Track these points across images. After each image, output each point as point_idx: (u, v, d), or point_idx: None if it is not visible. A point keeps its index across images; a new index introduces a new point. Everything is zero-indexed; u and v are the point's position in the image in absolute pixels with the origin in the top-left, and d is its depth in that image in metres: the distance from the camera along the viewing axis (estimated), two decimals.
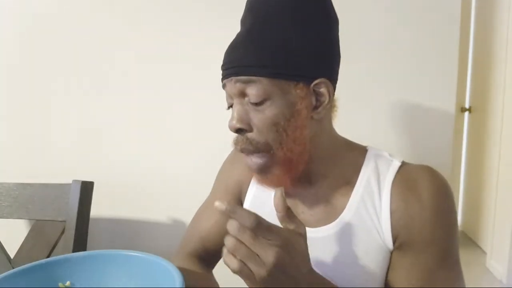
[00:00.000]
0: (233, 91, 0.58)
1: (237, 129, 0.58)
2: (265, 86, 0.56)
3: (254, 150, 0.58)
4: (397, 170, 0.61)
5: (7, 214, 1.02)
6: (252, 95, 0.56)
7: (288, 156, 0.58)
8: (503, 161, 2.22)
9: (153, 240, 1.28)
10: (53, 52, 1.24)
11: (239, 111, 0.58)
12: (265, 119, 0.57)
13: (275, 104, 0.56)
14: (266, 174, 0.60)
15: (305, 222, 0.64)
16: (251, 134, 0.58)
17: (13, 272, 0.60)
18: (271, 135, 0.57)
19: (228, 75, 0.58)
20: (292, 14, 0.57)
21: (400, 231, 0.58)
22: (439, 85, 1.10)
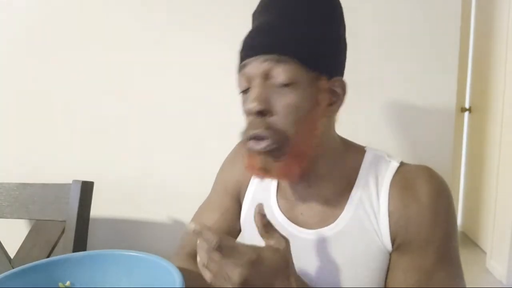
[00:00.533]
0: (257, 71, 0.56)
1: (257, 111, 0.55)
2: (295, 69, 0.55)
3: (270, 136, 0.55)
4: (395, 171, 0.61)
5: (7, 214, 1.02)
6: (281, 75, 0.54)
7: (302, 148, 0.57)
8: (503, 161, 2.22)
9: (153, 240, 1.28)
10: (54, 53, 1.24)
11: (261, 93, 0.55)
12: (288, 104, 0.55)
13: (300, 90, 0.55)
14: (275, 161, 0.56)
15: (304, 224, 0.64)
16: (272, 119, 0.55)
17: (13, 272, 0.60)
18: (291, 122, 0.55)
19: (255, 53, 0.56)
20: (317, 10, 0.58)
21: (398, 232, 0.58)
22: (439, 85, 1.10)
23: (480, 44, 2.70)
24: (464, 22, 2.29)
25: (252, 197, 0.72)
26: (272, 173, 0.57)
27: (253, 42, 0.57)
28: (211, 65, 1.18)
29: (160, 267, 0.59)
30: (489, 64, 2.47)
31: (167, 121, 1.22)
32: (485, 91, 2.54)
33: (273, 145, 0.55)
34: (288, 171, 0.57)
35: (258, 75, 0.56)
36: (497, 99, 2.30)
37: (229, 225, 0.73)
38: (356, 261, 0.60)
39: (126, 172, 1.25)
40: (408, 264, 0.58)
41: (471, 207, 2.83)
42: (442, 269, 0.57)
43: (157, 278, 0.58)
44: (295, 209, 0.66)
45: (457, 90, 1.10)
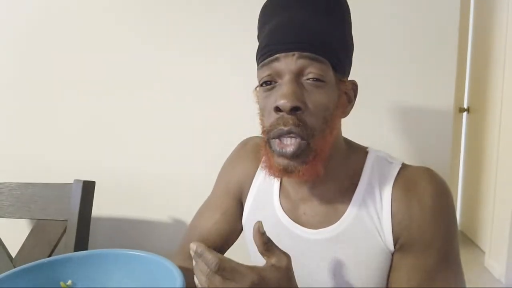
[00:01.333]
0: (290, 67, 0.55)
1: (292, 107, 0.54)
2: (327, 69, 0.56)
3: (300, 133, 0.54)
4: (397, 172, 0.62)
5: (9, 214, 1.02)
6: (315, 73, 0.55)
7: (324, 146, 0.57)
8: (501, 161, 2.22)
9: (154, 239, 1.28)
10: (54, 53, 1.25)
11: (295, 89, 0.54)
12: (319, 102, 0.55)
13: (329, 90, 0.57)
14: (302, 161, 0.55)
15: (306, 224, 0.64)
16: (304, 115, 0.55)
17: (14, 272, 0.61)
18: (320, 120, 0.56)
19: (289, 50, 0.55)
20: (339, 14, 0.60)
21: (400, 233, 0.59)
22: (437, 86, 1.10)
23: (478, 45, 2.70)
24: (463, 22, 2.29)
25: (254, 198, 0.72)
26: (295, 174, 0.56)
27: (287, 37, 0.56)
28: (212, 65, 1.18)
29: (161, 266, 0.59)
30: (487, 64, 2.48)
31: (168, 121, 1.23)
32: (483, 91, 2.54)
33: (303, 146, 0.54)
34: (314, 172, 0.57)
35: (292, 71, 0.55)
36: (495, 100, 2.31)
37: (230, 225, 0.74)
38: (359, 261, 0.61)
39: (128, 172, 1.25)
40: (411, 264, 0.58)
41: (470, 206, 2.83)
42: (444, 269, 0.57)
43: (158, 278, 0.59)
44: (298, 209, 0.66)
45: (455, 90, 1.11)
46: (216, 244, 0.73)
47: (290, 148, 0.54)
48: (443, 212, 0.58)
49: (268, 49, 0.57)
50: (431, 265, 0.57)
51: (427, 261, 0.57)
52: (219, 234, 0.73)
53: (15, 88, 1.29)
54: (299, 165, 0.55)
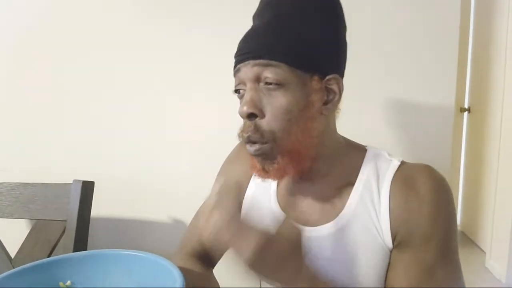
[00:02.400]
0: (248, 75, 0.58)
1: (248, 114, 0.57)
2: (284, 72, 0.56)
3: (259, 139, 0.57)
4: (396, 169, 0.61)
5: (8, 214, 1.02)
6: (270, 78, 0.56)
7: (295, 147, 0.58)
8: (502, 161, 2.22)
9: (153, 239, 1.28)
10: (54, 53, 1.24)
11: (252, 96, 0.57)
12: (279, 106, 0.56)
13: (290, 92, 0.57)
14: (271, 162, 0.58)
15: (304, 221, 0.64)
16: (261, 121, 0.57)
17: (14, 272, 0.61)
18: (282, 124, 0.57)
19: (246, 59, 0.58)
20: (310, 11, 0.59)
21: (399, 229, 0.58)
22: (438, 85, 1.10)
23: (479, 44, 2.70)
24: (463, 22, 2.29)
25: (252, 196, 0.72)
26: (270, 173, 0.60)
27: (244, 47, 0.59)
28: (212, 65, 1.18)
29: (161, 266, 0.59)
30: (488, 64, 2.47)
31: (168, 121, 1.23)
32: (484, 91, 2.54)
33: (262, 148, 0.57)
34: (283, 172, 0.59)
35: (249, 79, 0.58)
36: (496, 99, 2.30)
37: None
38: (357, 258, 0.60)
39: (127, 172, 1.25)
40: (409, 260, 0.58)
41: (470, 206, 2.83)
42: (442, 265, 0.57)
43: (157, 278, 0.58)
44: (296, 207, 0.66)
45: (456, 90, 1.11)
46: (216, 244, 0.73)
47: (253, 147, 0.58)
48: (442, 208, 0.58)
49: (235, 61, 0.61)
50: (429, 261, 0.57)
51: (425, 256, 0.57)
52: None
53: (15, 88, 1.28)
54: (270, 165, 0.59)
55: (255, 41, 0.58)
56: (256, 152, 0.58)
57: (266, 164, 0.59)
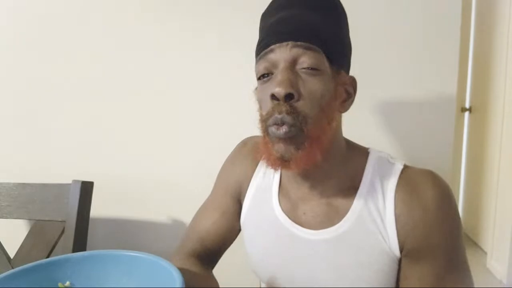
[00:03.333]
0: (285, 56, 0.56)
1: (287, 94, 0.54)
2: (322, 58, 0.57)
3: (292, 122, 0.54)
4: (399, 173, 0.61)
5: (6, 214, 1.02)
6: (309, 62, 0.56)
7: (321, 135, 0.57)
8: (504, 161, 2.22)
9: (153, 240, 1.28)
10: (53, 52, 1.24)
11: (289, 76, 0.55)
12: (314, 90, 0.56)
13: (324, 79, 0.57)
14: (297, 147, 0.56)
15: (306, 224, 0.64)
16: (297, 103, 0.55)
17: (13, 272, 0.60)
18: (315, 108, 0.56)
19: (284, 40, 0.56)
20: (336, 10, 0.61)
21: (406, 238, 0.58)
22: (439, 85, 1.10)
23: (480, 44, 2.70)
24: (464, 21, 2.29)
25: (253, 197, 0.71)
26: (291, 162, 0.56)
27: (281, 29, 0.57)
28: (212, 64, 1.18)
29: (160, 267, 0.58)
30: (489, 63, 2.47)
31: (168, 121, 1.22)
32: (486, 91, 2.53)
33: (293, 129, 0.55)
34: (309, 159, 0.57)
35: (286, 60, 0.56)
36: (498, 99, 2.30)
37: (229, 225, 0.73)
38: (360, 263, 0.60)
39: (126, 172, 1.25)
40: (420, 271, 0.58)
41: (472, 207, 2.83)
42: (452, 272, 0.57)
43: (157, 278, 0.58)
44: (298, 210, 0.66)
45: (457, 90, 1.10)
46: (215, 243, 0.73)
47: (282, 129, 0.55)
48: (447, 216, 0.58)
49: (264, 43, 0.59)
50: (438, 270, 0.57)
51: (434, 266, 0.57)
52: (218, 234, 0.72)
53: (13, 88, 1.28)
54: (295, 151, 0.56)
55: (295, 23, 0.57)
56: (286, 134, 0.55)
57: (290, 150, 0.56)
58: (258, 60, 0.60)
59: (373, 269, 0.60)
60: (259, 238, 0.70)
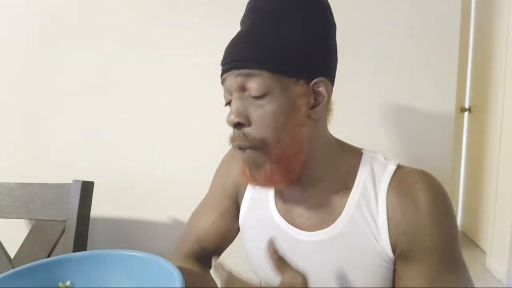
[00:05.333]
0: (233, 85, 0.58)
1: (235, 123, 0.57)
2: (266, 80, 0.55)
3: (250, 146, 0.57)
4: (392, 174, 0.61)
5: (7, 214, 1.02)
6: (253, 88, 0.56)
7: (285, 155, 0.57)
8: (503, 161, 2.22)
9: (153, 239, 1.28)
10: (54, 52, 1.24)
11: (238, 106, 0.57)
12: (264, 114, 0.56)
13: (275, 99, 0.56)
14: (259, 170, 0.58)
15: (301, 226, 0.64)
16: (249, 129, 0.57)
17: (13, 272, 0.60)
18: (269, 131, 0.56)
19: (229, 69, 0.58)
20: (292, 15, 0.57)
21: (399, 239, 0.58)
22: (439, 85, 1.10)
23: (480, 44, 2.69)
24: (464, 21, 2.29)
25: (251, 198, 0.72)
26: (258, 181, 0.60)
27: (227, 56, 0.59)
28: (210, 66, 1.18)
29: (160, 267, 0.59)
30: (489, 64, 2.47)
31: (168, 121, 1.22)
32: (485, 91, 2.53)
33: (253, 155, 0.57)
34: (272, 180, 0.59)
35: (235, 89, 0.58)
36: (497, 99, 2.30)
37: (227, 225, 0.73)
38: (354, 264, 0.60)
39: (126, 172, 1.25)
40: (415, 272, 0.58)
41: (471, 206, 2.83)
42: (449, 272, 0.57)
43: (157, 278, 0.58)
44: (292, 211, 0.66)
45: (457, 90, 1.10)
46: (214, 243, 0.73)
47: (243, 156, 0.59)
48: (441, 216, 0.58)
49: (221, 69, 0.60)
50: (435, 271, 0.57)
51: (430, 267, 0.57)
52: (216, 234, 0.73)
53: (15, 88, 1.28)
54: (258, 173, 0.59)
55: (236, 49, 0.58)
56: (246, 160, 0.58)
57: (254, 172, 0.59)
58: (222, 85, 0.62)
59: (367, 270, 0.60)
60: (257, 239, 0.70)
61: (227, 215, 0.74)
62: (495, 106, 2.35)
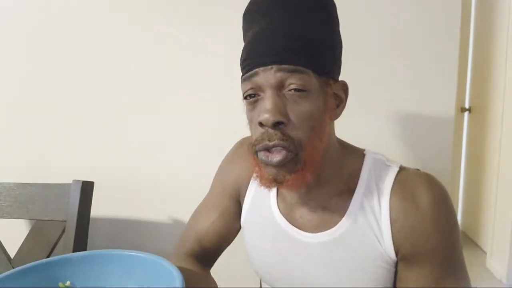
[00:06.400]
0: (270, 80, 0.54)
1: (275, 122, 0.53)
2: (309, 77, 0.54)
3: (287, 146, 0.53)
4: (395, 176, 0.61)
5: (7, 214, 1.02)
6: (297, 84, 0.53)
7: (314, 155, 0.56)
8: (503, 161, 2.22)
9: (153, 239, 1.28)
10: (54, 53, 1.24)
11: (277, 103, 0.53)
12: (303, 112, 0.54)
13: (313, 98, 0.55)
14: (289, 171, 0.55)
15: (303, 227, 0.64)
16: (287, 129, 0.54)
17: (13, 272, 0.60)
18: (306, 131, 0.54)
19: (267, 63, 0.53)
20: (316, 13, 0.57)
21: (402, 243, 0.58)
22: (439, 85, 1.10)
23: (480, 44, 2.70)
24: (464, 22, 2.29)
25: (252, 198, 0.71)
26: (284, 184, 0.56)
27: (264, 50, 0.54)
28: (212, 65, 1.18)
29: (160, 267, 0.58)
30: (489, 64, 2.47)
31: (168, 122, 1.22)
32: (485, 91, 2.53)
33: (290, 157, 0.54)
34: (302, 181, 0.56)
35: (271, 85, 0.54)
36: (497, 99, 2.30)
37: (227, 225, 0.73)
38: (356, 266, 0.60)
39: (126, 172, 1.25)
40: (417, 275, 0.58)
41: (471, 207, 2.83)
42: (450, 276, 0.57)
43: (157, 278, 0.58)
44: (295, 212, 0.66)
45: (457, 90, 1.10)
46: (214, 243, 0.73)
47: (276, 157, 0.54)
48: (443, 220, 0.58)
49: (247, 64, 0.56)
50: (436, 274, 0.57)
51: (433, 270, 0.57)
52: (216, 234, 0.72)
53: (14, 88, 1.28)
54: (287, 174, 0.55)
55: (275, 43, 0.54)
56: (281, 162, 0.53)
57: (283, 174, 0.55)
58: (243, 80, 0.57)
59: (369, 271, 0.60)
60: (259, 239, 0.70)
61: (227, 215, 0.74)
62: (495, 106, 2.35)
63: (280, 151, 0.54)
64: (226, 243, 0.75)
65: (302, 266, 0.64)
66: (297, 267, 0.65)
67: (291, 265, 0.65)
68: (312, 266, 0.63)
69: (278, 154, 0.54)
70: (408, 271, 0.59)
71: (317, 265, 0.62)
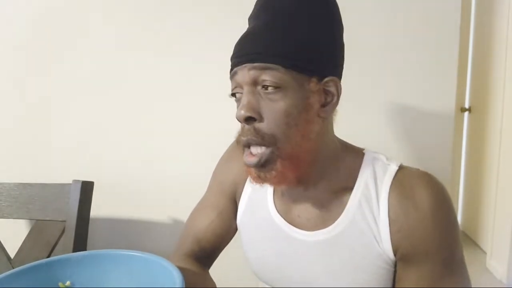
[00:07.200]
0: (245, 79, 0.57)
1: (246, 118, 0.56)
2: (282, 74, 0.55)
3: (260, 142, 0.56)
4: (394, 175, 0.60)
5: (7, 214, 1.02)
6: (268, 81, 0.55)
7: (295, 152, 0.57)
8: (503, 161, 2.22)
9: (153, 240, 1.28)
10: (54, 53, 1.24)
11: (249, 100, 0.56)
12: (277, 109, 0.55)
13: (288, 95, 0.56)
14: (269, 169, 0.57)
15: (301, 226, 0.64)
16: (260, 125, 0.56)
17: (13, 272, 0.60)
18: (281, 127, 0.56)
19: (242, 62, 0.57)
20: (307, 12, 0.58)
21: (400, 242, 0.58)
22: (439, 85, 1.10)
23: (479, 44, 2.70)
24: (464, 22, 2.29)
25: (249, 198, 0.71)
26: (267, 181, 0.59)
27: (240, 50, 0.58)
28: (212, 64, 1.18)
29: (160, 267, 0.58)
30: (488, 64, 2.47)
31: (167, 122, 1.22)
32: (485, 91, 2.53)
33: (266, 155, 0.56)
34: (283, 179, 0.58)
35: (246, 83, 0.57)
36: (497, 99, 2.30)
37: (225, 225, 0.73)
38: (354, 265, 0.60)
39: (126, 172, 1.25)
40: (416, 274, 0.58)
41: (471, 207, 2.83)
42: (450, 275, 0.57)
43: (157, 278, 0.58)
44: (292, 211, 0.66)
45: (457, 90, 1.10)
46: (212, 243, 0.73)
47: (253, 160, 0.57)
48: (443, 220, 0.58)
49: (231, 64, 0.60)
50: (436, 273, 0.57)
51: (432, 270, 0.57)
52: (214, 234, 0.72)
53: (14, 88, 1.28)
54: (267, 173, 0.57)
55: (251, 43, 0.57)
56: (256, 164, 0.57)
57: (264, 173, 0.57)
58: (230, 79, 0.61)
59: (367, 270, 0.60)
60: (256, 239, 0.70)
61: (226, 214, 0.74)
62: (495, 106, 2.35)
63: (256, 151, 0.57)
64: (224, 242, 0.75)
65: (300, 265, 0.64)
66: (295, 266, 0.64)
67: (289, 264, 0.65)
68: (310, 265, 0.63)
69: (253, 156, 0.57)
70: (408, 271, 0.58)
71: (315, 264, 0.62)
